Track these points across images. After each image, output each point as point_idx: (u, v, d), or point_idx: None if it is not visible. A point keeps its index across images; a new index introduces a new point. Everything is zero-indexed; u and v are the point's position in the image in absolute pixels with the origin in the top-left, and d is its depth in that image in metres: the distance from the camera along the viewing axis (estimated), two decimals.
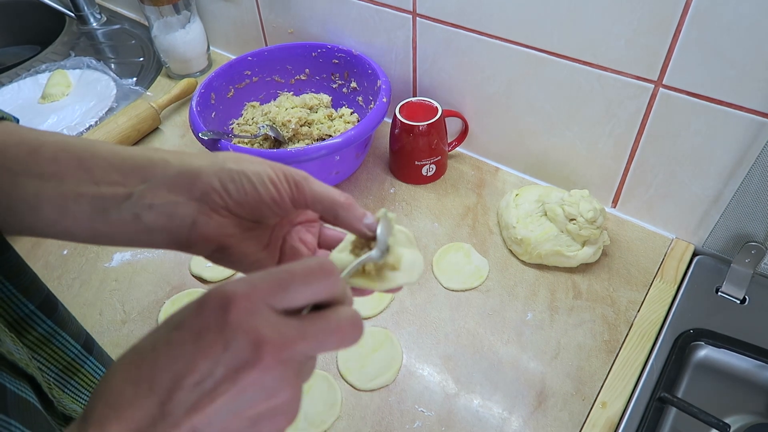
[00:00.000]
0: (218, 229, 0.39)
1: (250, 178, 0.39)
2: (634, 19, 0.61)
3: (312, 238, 0.47)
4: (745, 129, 0.61)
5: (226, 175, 0.38)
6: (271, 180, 0.39)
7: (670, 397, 0.59)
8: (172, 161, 0.38)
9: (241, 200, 0.39)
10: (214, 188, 0.38)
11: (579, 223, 0.69)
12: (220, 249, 0.40)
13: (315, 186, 0.40)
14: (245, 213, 0.40)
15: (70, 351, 0.48)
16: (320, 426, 0.60)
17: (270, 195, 0.39)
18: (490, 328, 0.68)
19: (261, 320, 0.28)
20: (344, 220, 0.41)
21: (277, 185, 0.39)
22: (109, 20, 1.23)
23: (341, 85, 0.92)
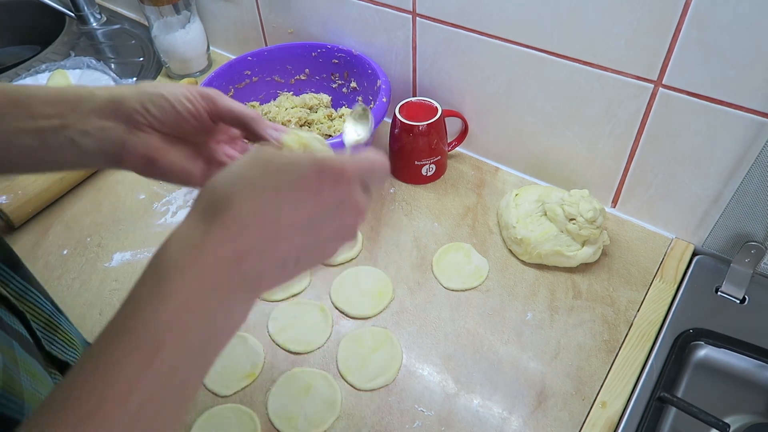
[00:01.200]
0: (145, 144, 0.46)
1: (167, 97, 0.46)
2: (634, 19, 0.61)
3: (237, 153, 0.53)
4: (745, 129, 0.61)
5: (146, 98, 0.45)
6: (186, 97, 0.46)
7: (670, 397, 0.59)
8: (98, 93, 0.45)
9: (161, 117, 0.46)
10: (137, 110, 0.45)
11: (579, 222, 0.69)
12: (150, 162, 0.47)
13: (227, 101, 0.48)
14: (168, 129, 0.47)
15: (45, 307, 0.52)
16: (320, 426, 0.60)
17: (187, 110, 0.46)
18: (490, 327, 0.68)
19: (358, 192, 0.38)
20: (254, 129, 0.49)
21: (192, 101, 0.46)
22: (109, 20, 1.23)
23: (341, 85, 0.92)
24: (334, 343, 0.68)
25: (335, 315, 0.71)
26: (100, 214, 0.84)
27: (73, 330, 0.54)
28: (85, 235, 0.82)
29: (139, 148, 0.46)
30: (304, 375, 0.65)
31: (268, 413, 0.62)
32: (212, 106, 0.47)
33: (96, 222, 0.83)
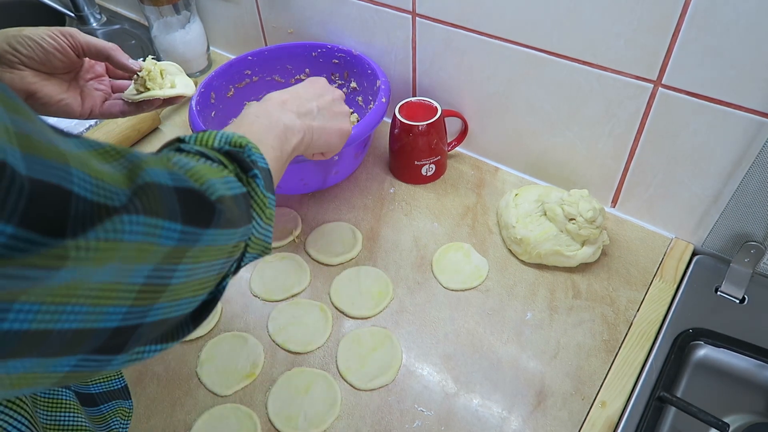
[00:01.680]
0: (21, 80, 0.55)
1: (31, 37, 0.54)
2: (634, 19, 0.61)
3: (105, 87, 0.66)
4: (745, 129, 0.61)
5: (12, 39, 0.54)
6: (48, 35, 0.55)
7: (670, 397, 0.59)
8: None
9: (30, 54, 0.54)
10: (6, 50, 0.53)
11: (578, 222, 0.69)
12: (30, 96, 0.56)
13: (86, 36, 0.58)
14: (38, 65, 0.56)
15: None
16: (320, 425, 0.60)
17: (51, 45, 0.55)
18: (490, 327, 0.68)
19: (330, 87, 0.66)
20: (114, 59, 0.62)
21: (54, 38, 0.55)
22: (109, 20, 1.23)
23: (341, 85, 0.92)
24: (333, 343, 0.68)
25: (335, 315, 0.71)
26: None
27: None
28: None
29: (17, 84, 0.54)
30: (304, 375, 0.65)
31: (268, 413, 0.62)
32: (73, 41, 0.56)
33: None
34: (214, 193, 0.35)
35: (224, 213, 0.35)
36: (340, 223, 0.80)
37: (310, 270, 0.75)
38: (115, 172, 0.27)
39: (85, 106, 0.62)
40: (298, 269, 0.75)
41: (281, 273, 0.75)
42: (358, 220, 0.81)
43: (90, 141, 0.28)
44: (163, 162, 0.32)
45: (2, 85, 0.24)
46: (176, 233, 0.30)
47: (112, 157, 0.28)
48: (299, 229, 0.80)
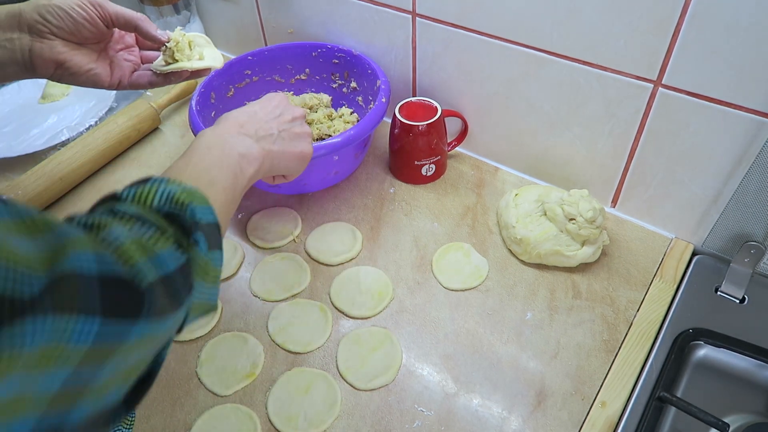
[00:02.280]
0: (51, 50, 0.55)
1: (61, 7, 0.55)
2: (634, 19, 0.61)
3: (135, 58, 0.67)
4: (745, 129, 0.61)
5: (42, 8, 0.54)
6: (78, 5, 0.56)
7: (670, 397, 0.59)
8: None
9: (60, 24, 0.55)
10: (36, 20, 0.54)
11: (578, 222, 0.69)
12: (59, 66, 0.57)
13: (116, 6, 0.59)
14: (68, 35, 0.56)
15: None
16: (320, 425, 0.60)
17: (81, 15, 0.56)
18: (490, 327, 0.68)
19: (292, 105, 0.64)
20: (142, 29, 0.61)
21: (84, 8, 0.56)
22: None
23: (341, 85, 0.92)
24: (333, 343, 0.68)
25: (335, 315, 0.71)
26: None
27: None
28: None
29: (47, 54, 0.55)
30: (304, 375, 0.65)
31: (268, 413, 0.62)
32: (102, 11, 0.57)
33: None
34: (143, 279, 0.31)
35: (155, 303, 0.31)
36: (340, 223, 0.80)
37: (310, 270, 0.75)
38: (35, 253, 0.24)
39: (114, 76, 0.63)
40: (298, 269, 0.75)
41: (281, 273, 0.75)
42: (358, 220, 0.81)
43: (19, 208, 0.26)
44: (92, 241, 0.30)
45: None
46: (92, 333, 0.27)
47: (39, 231, 0.26)
48: (299, 229, 0.80)
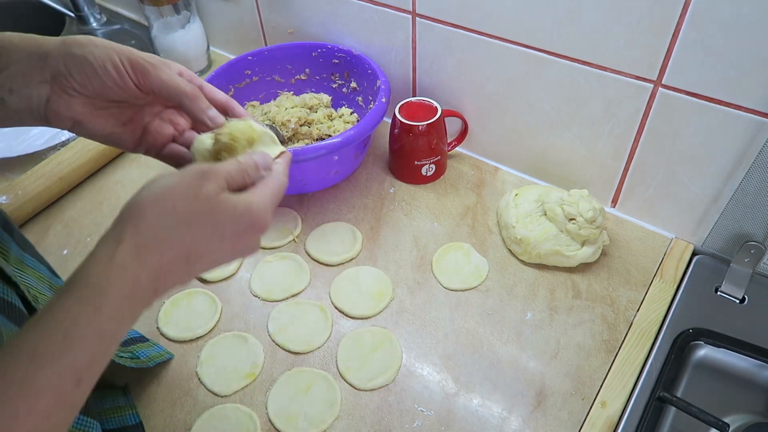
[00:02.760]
0: (69, 107, 0.45)
1: (92, 63, 0.43)
2: (634, 19, 0.61)
3: (184, 121, 0.52)
4: (745, 129, 0.61)
5: (71, 60, 0.43)
6: (114, 65, 0.44)
7: (670, 397, 0.59)
8: (20, 44, 0.44)
9: (84, 83, 0.44)
10: (61, 72, 0.44)
11: (578, 222, 0.69)
12: (76, 124, 0.46)
13: (162, 74, 0.45)
14: (93, 93, 0.45)
15: (42, 271, 0.54)
16: (319, 426, 0.60)
17: (112, 79, 0.44)
18: (490, 327, 0.68)
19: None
20: (188, 108, 0.46)
21: (119, 70, 0.44)
22: (109, 20, 1.23)
23: (341, 85, 0.92)
24: (333, 343, 0.68)
25: (335, 315, 0.71)
26: (100, 214, 0.84)
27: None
28: (85, 235, 0.82)
29: (63, 110, 0.45)
30: (304, 375, 0.65)
31: (268, 413, 0.62)
32: (142, 79, 0.45)
33: (96, 222, 0.83)
34: None
35: None
36: (340, 223, 0.80)
37: (310, 270, 0.75)
38: None
39: (141, 143, 0.50)
40: (298, 269, 0.75)
41: (281, 273, 0.75)
42: (358, 220, 0.81)
43: None
44: None
45: None
46: None
47: None
48: (299, 229, 0.80)
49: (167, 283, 0.38)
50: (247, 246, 0.41)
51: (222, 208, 0.39)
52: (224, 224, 0.39)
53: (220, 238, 0.39)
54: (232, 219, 0.39)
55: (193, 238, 0.38)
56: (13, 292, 0.45)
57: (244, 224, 0.40)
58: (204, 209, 0.38)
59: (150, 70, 0.45)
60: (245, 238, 0.41)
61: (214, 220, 0.38)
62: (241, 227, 0.40)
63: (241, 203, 0.40)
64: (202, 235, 0.38)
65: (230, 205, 0.39)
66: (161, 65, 0.45)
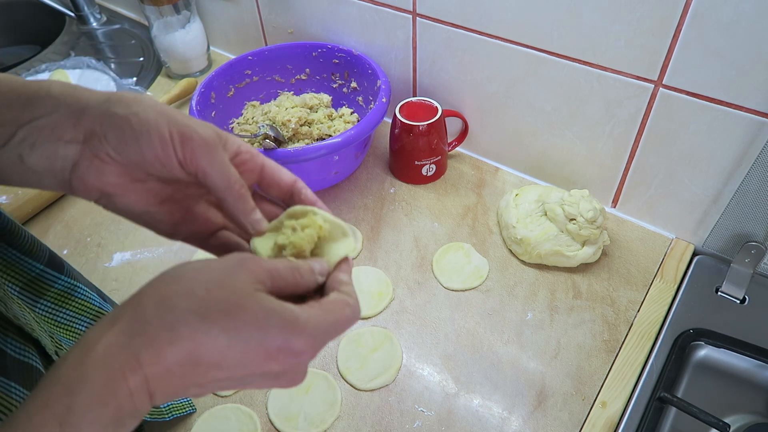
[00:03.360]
0: (99, 175, 0.36)
1: (134, 129, 0.34)
2: (634, 19, 0.61)
3: (220, 218, 0.42)
4: (745, 129, 0.61)
5: (108, 120, 0.35)
6: (159, 135, 0.35)
7: (670, 397, 0.59)
8: (58, 95, 0.36)
9: (121, 149, 0.35)
10: (95, 132, 0.35)
11: (579, 222, 0.69)
12: (104, 197, 0.37)
13: (214, 157, 0.36)
14: (130, 162, 0.36)
15: (93, 300, 0.51)
16: (320, 426, 0.60)
17: (154, 153, 0.35)
18: (490, 327, 0.68)
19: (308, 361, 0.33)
20: (229, 207, 0.37)
21: (165, 144, 0.35)
22: (109, 20, 1.23)
23: (341, 85, 0.92)
24: (334, 343, 0.68)
25: None
26: (100, 214, 0.84)
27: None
28: (85, 235, 0.82)
29: (92, 179, 0.36)
30: None
31: (268, 413, 0.62)
32: (190, 158, 0.35)
33: (96, 222, 0.83)
34: None
35: None
36: None
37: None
38: None
39: (181, 227, 0.40)
40: None
41: None
42: (358, 220, 0.81)
43: None
44: None
45: None
46: None
47: None
48: None
49: (168, 390, 0.29)
50: (280, 370, 0.31)
51: (253, 309, 0.30)
52: (250, 330, 0.30)
53: (243, 348, 0.29)
54: (263, 327, 0.30)
55: (208, 338, 0.29)
56: (32, 350, 0.41)
57: (277, 341, 0.30)
58: (229, 302, 0.30)
59: (199, 151, 0.35)
60: (277, 357, 0.30)
61: (237, 320, 0.29)
62: (271, 343, 0.30)
63: (280, 311, 0.31)
64: (219, 336, 0.29)
65: (265, 308, 0.30)
66: (216, 145, 0.36)
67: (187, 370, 0.29)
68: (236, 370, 0.30)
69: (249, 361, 0.30)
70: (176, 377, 0.29)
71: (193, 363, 0.29)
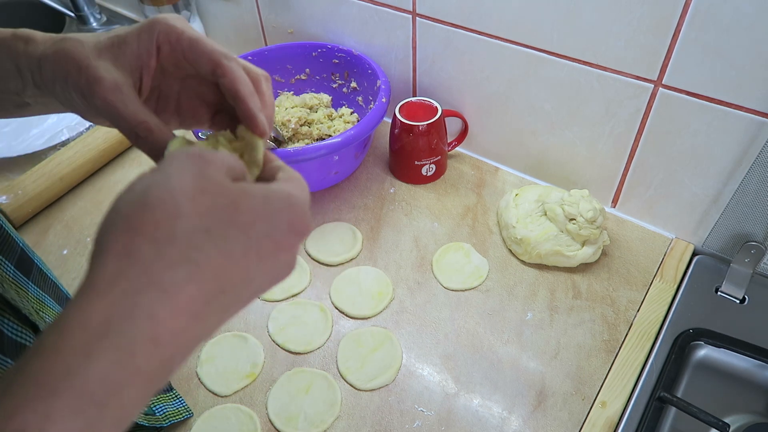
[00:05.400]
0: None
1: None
2: (634, 19, 0.61)
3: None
4: (745, 129, 0.61)
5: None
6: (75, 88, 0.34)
7: (670, 397, 0.59)
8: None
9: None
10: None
11: (579, 222, 0.69)
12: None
13: (123, 101, 0.34)
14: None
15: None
16: (320, 426, 0.60)
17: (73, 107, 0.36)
18: (490, 327, 0.68)
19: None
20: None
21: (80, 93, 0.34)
22: (109, 20, 1.23)
23: (341, 85, 0.92)
24: (334, 343, 0.68)
25: (335, 315, 0.71)
26: (100, 214, 0.84)
27: None
28: (85, 235, 0.82)
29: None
30: (304, 375, 0.65)
31: (268, 413, 0.62)
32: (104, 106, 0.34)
33: (96, 222, 0.83)
34: None
35: None
36: (340, 223, 0.80)
37: (310, 270, 0.75)
38: None
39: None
40: (298, 269, 0.75)
41: None
42: (358, 220, 0.81)
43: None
44: None
45: None
46: None
47: None
48: None
49: (191, 344, 0.25)
50: (288, 259, 0.30)
51: (249, 200, 0.27)
52: (256, 223, 0.27)
53: (257, 250, 0.27)
54: (268, 214, 0.28)
55: (223, 253, 0.26)
56: (30, 334, 0.42)
57: (284, 221, 0.28)
58: (221, 205, 0.26)
59: (110, 92, 0.34)
60: (287, 244, 0.29)
61: (242, 218, 0.27)
62: (279, 226, 0.28)
63: (274, 192, 0.29)
64: (234, 247, 0.26)
65: (260, 195, 0.28)
66: (120, 85, 0.34)
67: (213, 305, 0.25)
68: (253, 274, 0.27)
69: (265, 255, 0.28)
70: (201, 319, 0.25)
71: (219, 291, 0.26)
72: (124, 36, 0.35)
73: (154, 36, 0.35)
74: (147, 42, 0.35)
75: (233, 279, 0.26)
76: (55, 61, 0.34)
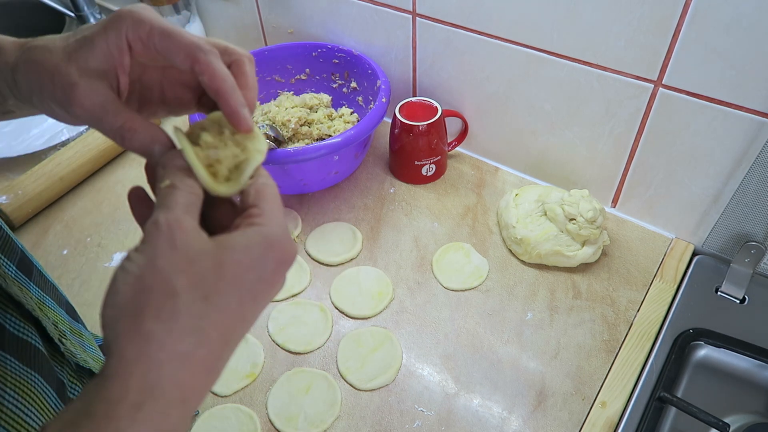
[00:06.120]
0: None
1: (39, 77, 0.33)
2: (634, 19, 0.61)
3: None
4: (745, 129, 0.61)
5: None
6: (49, 95, 0.33)
7: (670, 397, 0.59)
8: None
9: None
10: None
11: (579, 222, 0.69)
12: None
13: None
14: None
15: (64, 317, 0.49)
16: (320, 426, 0.60)
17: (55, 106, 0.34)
18: (490, 327, 0.68)
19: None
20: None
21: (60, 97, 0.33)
22: None
23: (341, 85, 0.92)
24: (334, 343, 0.68)
25: (335, 315, 0.71)
26: (100, 214, 0.84)
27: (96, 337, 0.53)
28: (85, 235, 0.82)
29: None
30: (304, 375, 0.65)
31: (268, 413, 0.62)
32: (82, 108, 0.33)
33: (96, 222, 0.83)
34: None
35: None
36: (340, 223, 0.80)
37: (310, 270, 0.75)
38: None
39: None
40: (298, 269, 0.75)
41: None
42: (358, 220, 0.81)
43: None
44: None
45: None
46: None
47: None
48: (299, 229, 0.80)
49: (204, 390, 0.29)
50: (281, 284, 0.32)
51: (231, 255, 0.29)
52: (245, 274, 0.29)
53: (252, 295, 0.30)
54: (253, 262, 0.30)
55: (220, 312, 0.28)
56: (32, 330, 0.41)
57: (270, 261, 0.30)
58: (209, 267, 0.28)
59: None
60: (278, 279, 0.31)
61: (231, 273, 0.29)
62: (267, 267, 0.30)
63: (251, 239, 0.30)
64: (228, 301, 0.29)
65: (240, 246, 0.29)
66: (75, 85, 0.33)
67: (223, 356, 0.29)
68: (255, 315, 0.31)
69: (259, 297, 0.30)
70: (215, 370, 0.29)
71: (225, 344, 0.29)
72: (91, 36, 0.34)
73: (123, 33, 0.34)
74: (116, 39, 0.34)
75: (235, 329, 0.30)
76: (26, 72, 0.33)
